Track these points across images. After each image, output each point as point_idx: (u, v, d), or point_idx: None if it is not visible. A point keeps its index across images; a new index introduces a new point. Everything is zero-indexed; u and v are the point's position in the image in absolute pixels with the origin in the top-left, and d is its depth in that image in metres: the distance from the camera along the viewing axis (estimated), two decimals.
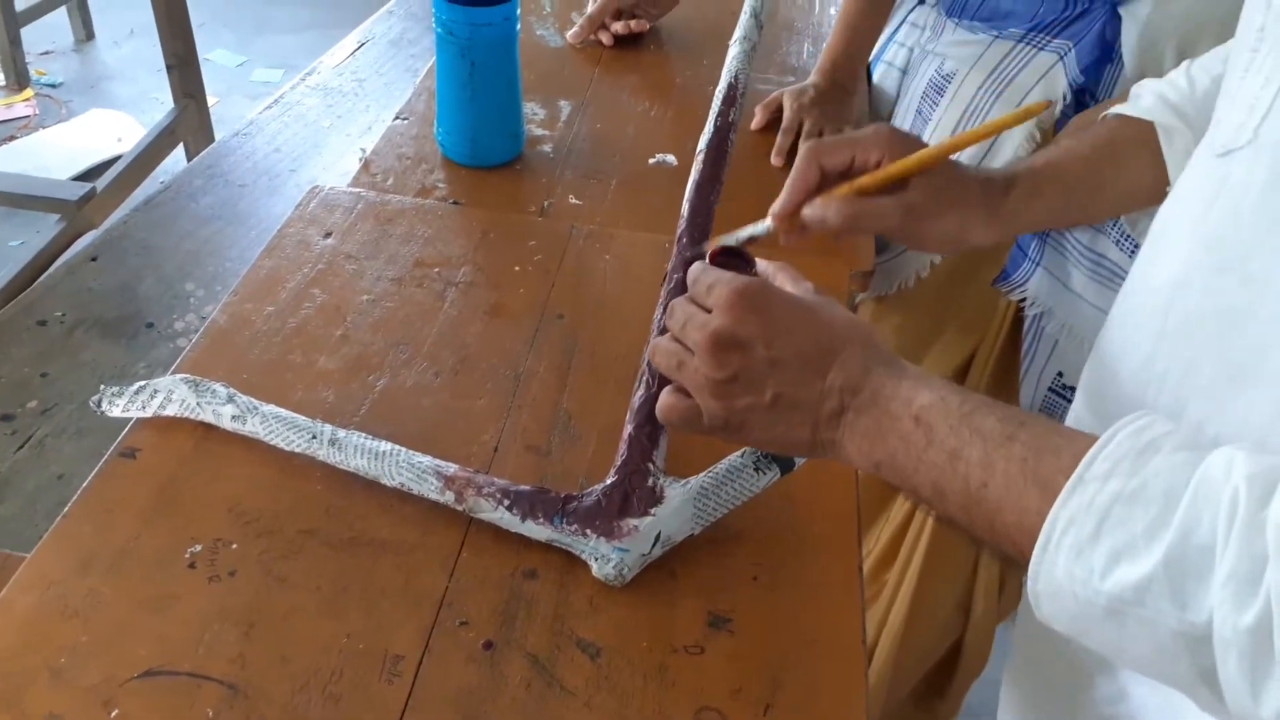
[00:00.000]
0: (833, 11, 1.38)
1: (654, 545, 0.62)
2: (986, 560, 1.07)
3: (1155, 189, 0.62)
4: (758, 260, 0.60)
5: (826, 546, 0.67)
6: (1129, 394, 0.50)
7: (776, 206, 0.64)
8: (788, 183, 0.63)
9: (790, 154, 1.05)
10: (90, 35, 3.27)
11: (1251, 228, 0.40)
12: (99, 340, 1.29)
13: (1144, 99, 0.63)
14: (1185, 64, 0.64)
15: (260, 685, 0.55)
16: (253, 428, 0.66)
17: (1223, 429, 0.42)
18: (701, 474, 0.64)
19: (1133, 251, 0.88)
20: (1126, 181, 0.64)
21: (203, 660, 0.56)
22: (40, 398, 1.19)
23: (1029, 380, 0.98)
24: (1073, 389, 0.96)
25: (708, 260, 0.59)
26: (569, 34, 1.25)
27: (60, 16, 3.19)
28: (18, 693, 0.54)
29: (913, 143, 0.62)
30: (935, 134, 0.97)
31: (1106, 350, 0.55)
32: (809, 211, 0.62)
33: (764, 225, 0.65)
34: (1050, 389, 0.97)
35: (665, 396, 0.55)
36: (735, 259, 0.60)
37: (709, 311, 0.52)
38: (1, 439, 1.14)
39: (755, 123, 1.09)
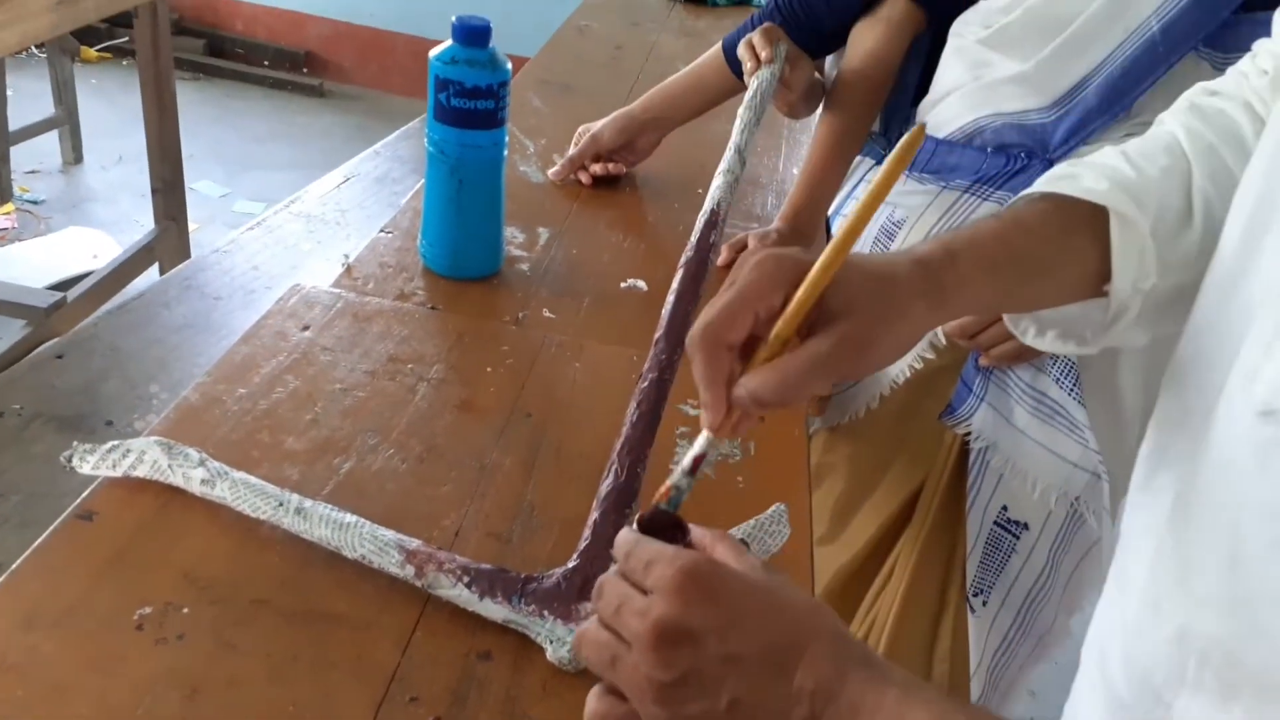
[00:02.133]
0: (795, 171, 1.48)
1: None
2: (951, 687, 1.06)
3: (1098, 278, 0.54)
4: (692, 527, 0.51)
5: None
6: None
7: (708, 418, 0.50)
8: (703, 385, 0.49)
9: None
10: (79, 159, 3.36)
11: None
12: (54, 434, 1.28)
13: (1086, 179, 0.54)
14: (1113, 150, 0.57)
15: None
16: (220, 492, 0.66)
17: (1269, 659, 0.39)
18: None
19: (1072, 389, 0.93)
20: (1073, 266, 0.54)
21: None
22: None
23: (975, 513, 1.00)
24: (1017, 523, 0.99)
25: (635, 526, 0.50)
26: (550, 171, 1.33)
27: (51, 139, 3.28)
28: None
29: (797, 257, 0.49)
30: None
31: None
32: (741, 394, 0.48)
33: (703, 440, 0.52)
34: (996, 523, 1.00)
35: (595, 702, 0.46)
36: (666, 525, 0.51)
37: (647, 593, 0.44)
38: None
39: (721, 260, 1.16)
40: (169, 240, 2.49)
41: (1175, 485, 0.45)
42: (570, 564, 0.65)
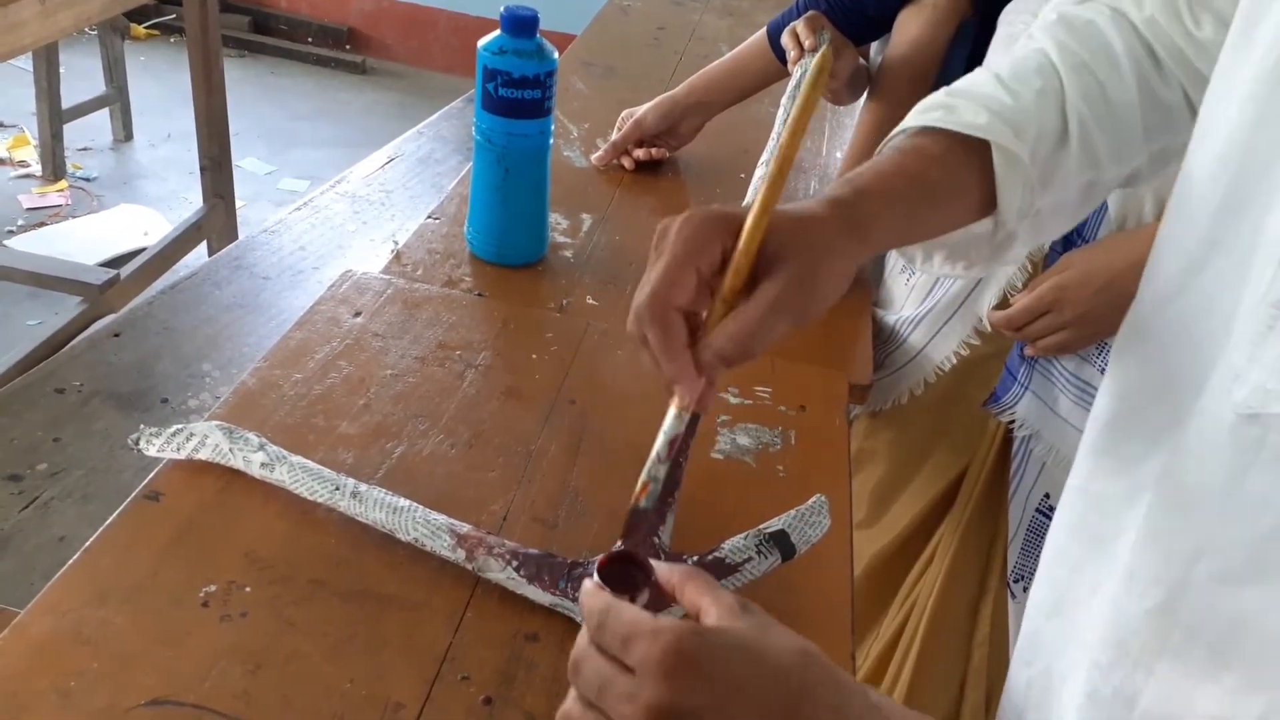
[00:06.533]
0: (838, 155, 1.48)
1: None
2: (974, 680, 1.07)
3: (984, 206, 0.56)
4: (654, 564, 0.48)
5: (821, 636, 0.69)
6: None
7: (682, 392, 0.51)
8: (665, 357, 0.50)
9: None
10: (129, 136, 3.42)
11: None
12: (113, 411, 1.32)
13: (965, 112, 0.55)
14: (986, 74, 0.57)
15: None
16: (279, 476, 0.69)
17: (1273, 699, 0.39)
18: (705, 554, 0.67)
19: None
20: (964, 196, 0.56)
21: (208, 694, 0.58)
22: (50, 461, 1.21)
23: (1017, 501, 1.01)
24: None
25: (595, 573, 0.47)
26: (594, 157, 1.34)
27: (103, 117, 3.34)
28: (24, 712, 0.55)
29: (724, 211, 0.50)
30: None
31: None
32: (708, 356, 0.49)
33: (672, 419, 0.51)
34: (1037, 510, 1.00)
35: None
36: (628, 568, 0.48)
37: (630, 669, 0.42)
38: (8, 498, 1.16)
39: None
40: (217, 218, 2.54)
41: (1158, 460, 0.46)
42: (614, 550, 0.67)
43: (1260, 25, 0.43)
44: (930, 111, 0.57)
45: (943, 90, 0.58)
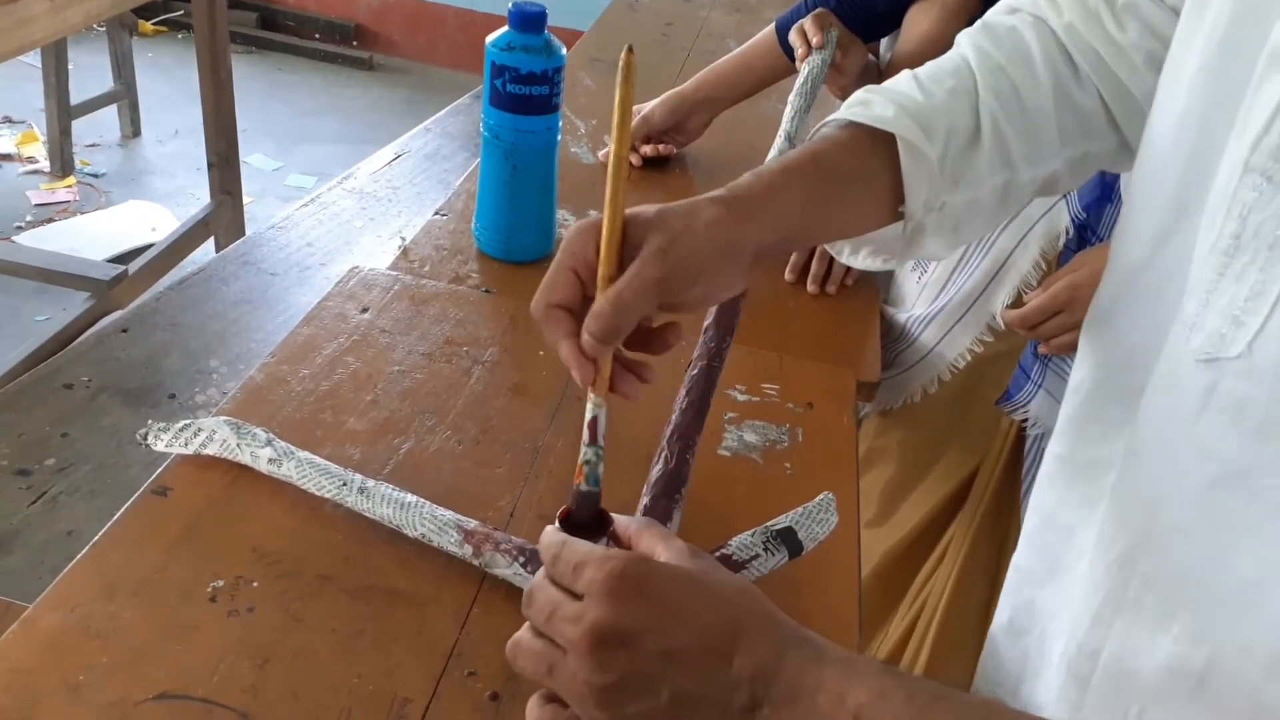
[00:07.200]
0: None
1: None
2: (980, 685, 1.07)
3: (895, 199, 0.57)
4: (614, 516, 0.52)
5: (828, 634, 0.68)
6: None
7: (577, 375, 0.52)
8: (558, 350, 0.53)
9: (803, 272, 1.10)
10: (137, 132, 3.43)
11: (1258, 443, 0.38)
12: (121, 407, 1.32)
13: (876, 106, 0.56)
14: (907, 75, 0.59)
15: (270, 716, 0.56)
16: (287, 471, 0.69)
17: (1223, 647, 0.40)
18: (712, 551, 0.66)
19: None
20: (874, 184, 0.57)
21: (216, 688, 0.58)
22: (59, 457, 1.21)
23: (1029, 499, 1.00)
24: None
25: (558, 521, 0.51)
26: (601, 153, 1.34)
27: (111, 113, 3.35)
28: (34, 706, 0.55)
29: (599, 216, 0.52)
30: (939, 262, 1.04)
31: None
32: (585, 337, 0.51)
33: (590, 404, 0.53)
34: None
35: (536, 710, 0.47)
36: (589, 518, 0.52)
37: (579, 597, 0.44)
38: (17, 493, 1.16)
39: None
40: (224, 214, 2.55)
41: (1129, 421, 0.47)
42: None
43: None
44: (851, 107, 0.59)
45: (865, 88, 0.59)
